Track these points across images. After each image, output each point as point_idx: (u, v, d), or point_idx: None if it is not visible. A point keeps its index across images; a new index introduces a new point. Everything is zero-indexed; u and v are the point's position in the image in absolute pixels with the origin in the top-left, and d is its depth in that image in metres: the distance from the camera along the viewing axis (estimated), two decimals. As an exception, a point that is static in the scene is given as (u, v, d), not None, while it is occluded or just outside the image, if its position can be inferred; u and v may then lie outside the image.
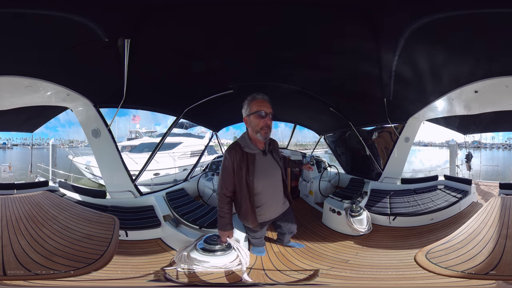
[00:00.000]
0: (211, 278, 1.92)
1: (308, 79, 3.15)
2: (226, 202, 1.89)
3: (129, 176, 3.23)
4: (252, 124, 1.81)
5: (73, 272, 1.54)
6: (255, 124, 1.79)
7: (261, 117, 1.76)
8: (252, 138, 1.87)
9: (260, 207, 1.99)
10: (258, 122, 1.77)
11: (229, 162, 1.83)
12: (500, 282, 1.44)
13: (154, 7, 1.75)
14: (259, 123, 1.77)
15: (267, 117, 1.77)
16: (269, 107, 1.80)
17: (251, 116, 1.80)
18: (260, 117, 1.76)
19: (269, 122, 1.79)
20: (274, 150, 2.01)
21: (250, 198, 1.86)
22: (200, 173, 5.02)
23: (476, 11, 1.53)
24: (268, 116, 1.78)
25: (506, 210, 2.37)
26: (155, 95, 3.33)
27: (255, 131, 1.81)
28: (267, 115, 1.77)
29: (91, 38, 1.89)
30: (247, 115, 1.83)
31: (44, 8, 1.55)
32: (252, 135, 1.86)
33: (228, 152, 1.85)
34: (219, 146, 7.57)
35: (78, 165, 8.98)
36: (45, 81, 2.31)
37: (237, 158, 1.82)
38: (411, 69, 2.41)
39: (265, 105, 1.79)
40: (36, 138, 8.74)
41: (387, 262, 2.40)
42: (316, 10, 1.77)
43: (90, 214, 2.58)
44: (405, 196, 3.61)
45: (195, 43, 2.27)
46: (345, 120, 4.45)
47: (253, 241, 2.35)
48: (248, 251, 2.18)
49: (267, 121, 1.77)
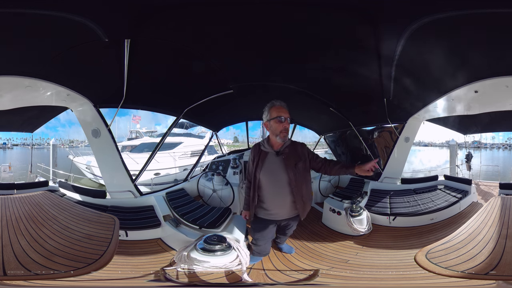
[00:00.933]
0: (211, 278, 1.93)
1: (308, 79, 3.15)
2: (248, 187, 2.22)
3: (129, 176, 3.23)
4: (272, 128, 2.01)
5: (73, 272, 1.54)
6: (275, 128, 1.99)
7: (280, 122, 1.97)
8: (271, 139, 2.07)
9: (264, 203, 2.11)
10: (277, 126, 1.98)
11: (251, 156, 2.19)
12: (500, 282, 1.44)
13: (154, 7, 1.75)
14: (278, 127, 1.97)
15: (285, 121, 1.97)
16: (287, 112, 2.00)
17: (271, 121, 2.00)
18: (280, 122, 1.97)
19: (287, 126, 1.99)
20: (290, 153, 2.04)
21: (255, 189, 2.09)
22: (200, 173, 5.02)
23: (476, 11, 1.53)
24: (287, 120, 1.98)
25: (506, 210, 2.37)
26: (155, 95, 3.33)
27: (275, 134, 2.01)
28: (285, 120, 1.97)
29: (91, 38, 1.89)
30: (267, 120, 2.03)
31: (44, 8, 1.55)
32: (272, 137, 2.06)
33: (252, 148, 2.22)
34: (219, 146, 7.57)
35: (79, 165, 8.97)
36: (45, 81, 2.31)
37: (255, 153, 2.12)
38: (411, 69, 2.41)
39: (283, 111, 1.99)
40: (36, 138, 8.73)
41: (387, 262, 2.40)
42: (316, 10, 1.77)
43: (90, 214, 2.58)
44: (405, 196, 3.61)
45: (195, 43, 2.27)
46: (345, 120, 4.45)
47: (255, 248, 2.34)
48: (248, 251, 2.18)
49: (285, 125, 1.98)
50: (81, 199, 3.16)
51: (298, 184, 2.02)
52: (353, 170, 1.96)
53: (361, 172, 1.94)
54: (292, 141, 2.12)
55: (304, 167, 2.07)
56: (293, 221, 2.25)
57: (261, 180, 2.06)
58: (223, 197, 4.02)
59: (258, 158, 2.07)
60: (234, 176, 4.60)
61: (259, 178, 2.06)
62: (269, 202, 2.09)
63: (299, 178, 2.02)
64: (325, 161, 2.13)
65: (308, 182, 2.13)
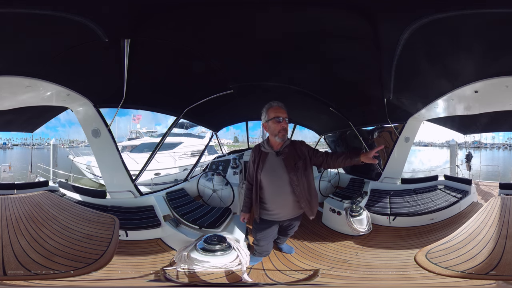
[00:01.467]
0: (211, 278, 1.93)
1: (308, 79, 3.15)
2: (248, 188, 2.23)
3: (129, 176, 3.23)
4: (270, 129, 2.03)
5: (73, 272, 1.54)
6: (273, 129, 2.00)
7: (278, 122, 1.98)
8: (271, 140, 2.09)
9: (266, 204, 2.10)
10: (275, 126, 1.99)
11: (251, 157, 2.19)
12: (500, 282, 1.44)
13: (154, 7, 1.75)
14: (276, 127, 1.99)
15: (283, 121, 1.98)
16: (284, 112, 2.01)
17: (269, 122, 2.01)
18: (278, 122, 1.98)
19: (285, 126, 2.00)
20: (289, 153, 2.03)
21: (257, 190, 2.10)
22: (200, 173, 5.02)
23: (476, 11, 1.53)
24: (284, 120, 1.99)
25: (506, 210, 2.37)
26: (155, 95, 3.33)
27: (274, 134, 2.02)
28: (283, 120, 1.98)
29: (91, 38, 1.89)
30: (266, 121, 2.04)
31: (44, 8, 1.55)
32: (271, 138, 2.08)
33: (252, 150, 2.22)
34: (219, 146, 7.57)
35: (79, 165, 8.98)
36: (45, 81, 2.31)
37: (255, 154, 2.13)
38: (411, 69, 2.41)
39: (280, 111, 2.00)
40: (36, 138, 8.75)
41: (387, 262, 2.40)
42: (316, 10, 1.77)
43: (90, 214, 2.58)
44: (405, 196, 3.61)
45: (195, 43, 2.27)
46: (345, 120, 4.45)
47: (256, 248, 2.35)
48: (248, 251, 2.18)
49: (283, 125, 1.98)
50: (81, 199, 3.16)
51: (300, 183, 2.00)
52: (358, 159, 1.88)
53: (367, 159, 1.86)
54: (292, 141, 2.12)
55: (304, 165, 2.04)
56: (295, 221, 2.25)
57: (262, 181, 2.06)
58: (223, 197, 4.02)
59: (259, 159, 2.08)
60: (234, 176, 4.60)
61: (260, 179, 2.06)
62: (271, 203, 2.09)
63: (300, 177, 2.00)
64: (327, 154, 2.07)
65: (310, 180, 2.09)
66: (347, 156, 1.96)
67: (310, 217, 2.10)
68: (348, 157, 1.95)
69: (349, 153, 1.98)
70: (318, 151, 2.09)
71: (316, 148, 2.17)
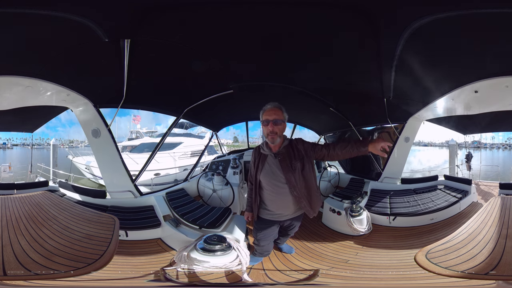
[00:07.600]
0: (211, 278, 1.93)
1: (308, 79, 3.15)
2: (250, 188, 2.29)
3: (129, 176, 3.23)
4: (263, 132, 2.08)
5: (73, 272, 1.54)
6: (264, 131, 2.05)
7: (266, 125, 2.00)
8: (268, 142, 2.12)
9: (267, 205, 2.13)
10: (265, 129, 2.03)
11: (252, 159, 2.23)
12: (500, 282, 1.44)
13: (154, 7, 1.75)
14: (265, 130, 2.02)
15: (269, 124, 1.98)
16: (276, 114, 1.99)
17: (262, 125, 2.06)
18: (266, 125, 2.00)
19: (274, 128, 1.98)
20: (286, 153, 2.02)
21: (256, 191, 2.15)
22: (200, 173, 5.02)
23: (476, 11, 1.53)
24: (271, 123, 1.97)
25: (506, 210, 2.37)
26: (155, 95, 3.33)
27: (266, 137, 2.06)
28: (269, 123, 1.97)
29: (91, 38, 1.89)
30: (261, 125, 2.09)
31: (44, 8, 1.55)
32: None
33: (252, 151, 2.27)
34: (219, 146, 7.57)
35: (78, 165, 8.98)
36: (45, 81, 2.31)
37: (255, 156, 2.18)
38: (411, 69, 2.41)
39: (269, 113, 2.00)
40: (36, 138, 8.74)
41: (387, 262, 2.40)
42: (316, 10, 1.77)
43: (90, 214, 2.58)
44: (405, 196, 3.61)
45: (195, 43, 2.27)
46: (345, 120, 4.45)
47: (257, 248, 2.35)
48: (248, 251, 2.18)
49: (270, 128, 1.98)
50: (81, 199, 3.16)
51: (298, 184, 1.98)
52: (366, 149, 1.78)
53: (375, 150, 1.74)
54: (290, 140, 2.10)
55: (302, 165, 2.00)
56: (296, 221, 2.24)
57: (262, 182, 2.10)
58: (223, 197, 4.02)
59: (258, 161, 2.12)
60: (234, 176, 4.60)
61: (260, 180, 2.10)
62: (271, 204, 2.10)
63: (298, 177, 1.98)
64: (328, 146, 1.97)
65: (310, 179, 2.03)
66: (353, 146, 1.84)
67: (311, 216, 2.10)
68: (355, 147, 1.84)
69: (356, 142, 1.85)
70: (317, 145, 2.06)
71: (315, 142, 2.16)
